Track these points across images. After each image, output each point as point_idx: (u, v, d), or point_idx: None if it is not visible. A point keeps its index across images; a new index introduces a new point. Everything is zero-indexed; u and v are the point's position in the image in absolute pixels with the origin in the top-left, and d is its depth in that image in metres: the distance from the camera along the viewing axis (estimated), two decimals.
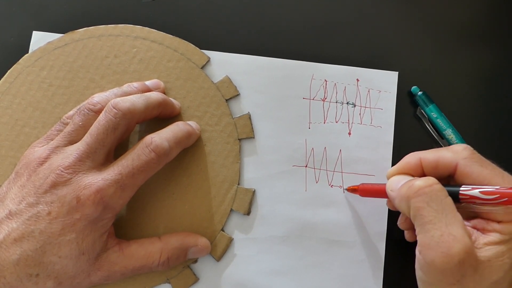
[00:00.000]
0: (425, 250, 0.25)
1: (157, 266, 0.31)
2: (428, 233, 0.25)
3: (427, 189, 0.26)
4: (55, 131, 0.31)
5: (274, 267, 0.34)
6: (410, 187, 0.27)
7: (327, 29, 0.38)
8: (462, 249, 0.24)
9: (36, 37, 0.36)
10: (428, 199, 0.26)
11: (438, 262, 0.25)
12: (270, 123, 0.36)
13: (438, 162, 0.29)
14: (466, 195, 0.27)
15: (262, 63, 0.37)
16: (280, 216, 0.35)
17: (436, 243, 0.25)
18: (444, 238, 0.25)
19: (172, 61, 0.36)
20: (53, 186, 0.28)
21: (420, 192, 0.26)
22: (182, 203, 0.34)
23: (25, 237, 0.27)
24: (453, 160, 0.28)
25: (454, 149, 0.29)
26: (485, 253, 0.26)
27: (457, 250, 0.24)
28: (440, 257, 0.25)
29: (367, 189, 0.33)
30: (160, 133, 0.30)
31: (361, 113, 0.37)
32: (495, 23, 0.39)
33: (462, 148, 0.29)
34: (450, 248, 0.24)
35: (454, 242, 0.24)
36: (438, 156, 0.29)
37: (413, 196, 0.26)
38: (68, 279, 0.28)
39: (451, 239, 0.25)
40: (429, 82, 0.37)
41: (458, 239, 0.25)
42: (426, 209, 0.26)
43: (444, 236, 0.25)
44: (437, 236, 0.25)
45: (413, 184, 0.27)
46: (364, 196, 0.34)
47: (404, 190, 0.27)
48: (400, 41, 0.38)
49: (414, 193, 0.26)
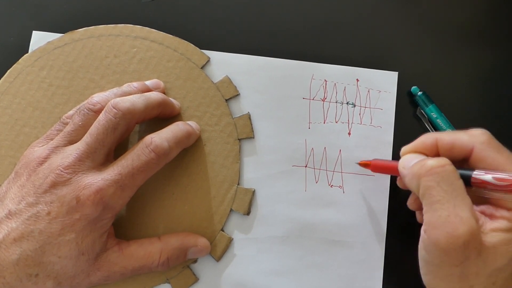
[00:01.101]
0: (430, 229, 0.25)
1: (157, 266, 0.31)
2: (435, 213, 0.25)
3: (439, 169, 0.26)
4: (54, 131, 0.31)
5: (274, 267, 0.34)
6: (422, 166, 0.27)
7: (327, 29, 0.38)
8: (467, 231, 0.24)
9: (36, 37, 0.36)
10: (439, 179, 0.26)
11: (443, 242, 0.25)
12: (270, 123, 0.36)
13: (454, 144, 0.29)
14: (478, 180, 0.26)
15: (262, 63, 0.37)
16: (280, 216, 0.35)
17: (442, 223, 0.25)
18: (450, 219, 0.25)
19: (172, 61, 0.36)
20: (52, 186, 0.28)
21: (432, 172, 0.26)
22: (182, 203, 0.34)
23: (25, 237, 0.27)
24: (470, 143, 0.28)
25: (471, 133, 0.29)
26: (490, 239, 0.25)
27: (463, 232, 0.24)
28: (445, 237, 0.25)
29: (380, 165, 0.33)
30: (160, 133, 0.30)
31: (361, 113, 0.37)
32: (495, 23, 0.39)
33: (480, 133, 0.28)
34: (455, 229, 0.24)
35: (460, 224, 0.24)
36: (455, 138, 0.29)
37: (424, 174, 0.26)
38: (68, 279, 0.28)
39: (457, 220, 0.24)
40: (429, 82, 0.37)
41: (465, 221, 0.24)
42: (436, 188, 0.26)
43: (451, 217, 0.25)
44: (444, 216, 0.25)
45: (425, 163, 0.27)
46: (375, 171, 0.33)
47: (416, 168, 0.27)
48: (400, 41, 0.38)
49: (425, 171, 0.26)
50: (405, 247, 0.34)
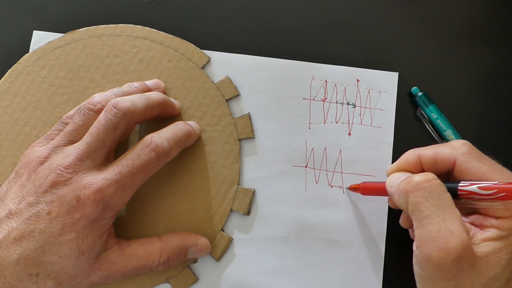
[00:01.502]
0: (422, 245, 0.25)
1: (157, 266, 0.31)
2: (426, 228, 0.25)
3: (425, 184, 0.26)
4: (55, 130, 0.31)
5: (274, 267, 0.34)
6: (408, 182, 0.27)
7: (327, 29, 0.38)
8: (459, 245, 0.24)
9: (36, 36, 0.36)
10: (426, 194, 0.26)
11: (435, 257, 0.25)
12: (270, 123, 0.36)
13: (436, 158, 0.29)
14: (464, 191, 0.27)
15: (262, 63, 0.37)
16: (280, 216, 0.35)
17: (433, 238, 0.25)
18: (441, 233, 0.25)
19: (172, 61, 0.36)
20: (53, 186, 0.28)
21: (419, 187, 0.26)
22: (182, 203, 0.34)
23: (25, 237, 0.27)
24: (452, 155, 0.28)
25: (452, 145, 0.29)
26: (482, 249, 0.26)
27: (454, 246, 0.24)
28: (437, 252, 0.25)
29: (368, 187, 0.33)
30: (160, 132, 0.30)
31: (361, 114, 0.37)
32: (495, 23, 0.39)
33: (461, 144, 0.29)
34: (447, 243, 0.24)
35: (451, 237, 0.24)
36: (437, 152, 0.29)
37: (411, 191, 0.26)
38: (68, 279, 0.28)
39: (448, 234, 0.25)
40: (429, 82, 0.37)
41: (455, 235, 0.24)
42: (424, 203, 0.26)
43: (441, 231, 0.25)
44: (434, 231, 0.25)
45: (411, 179, 0.27)
46: (365, 194, 0.34)
47: (402, 185, 0.27)
48: (400, 42, 0.38)
49: (412, 187, 0.26)
50: (405, 247, 0.34)
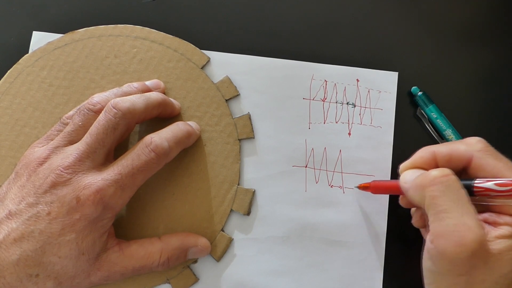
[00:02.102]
0: (437, 239, 0.25)
1: (157, 267, 0.31)
2: (442, 222, 0.25)
3: (443, 178, 0.26)
4: (55, 131, 0.31)
5: (274, 267, 0.34)
6: (425, 177, 0.27)
7: (327, 29, 0.38)
8: (475, 239, 0.24)
9: (36, 37, 0.36)
10: (443, 188, 0.26)
11: (451, 251, 0.24)
12: (270, 123, 0.36)
13: (452, 155, 0.29)
14: (480, 188, 0.26)
15: (262, 63, 0.37)
16: (280, 217, 0.35)
17: (450, 232, 0.25)
18: (458, 228, 0.25)
19: (172, 61, 0.36)
20: (52, 186, 0.28)
21: (436, 181, 0.26)
22: (182, 203, 0.34)
23: (25, 237, 0.27)
24: (467, 152, 0.28)
25: (468, 142, 0.29)
26: (496, 246, 0.25)
27: (471, 240, 0.24)
28: (453, 246, 0.24)
29: (379, 186, 0.33)
30: (160, 133, 0.30)
31: (361, 114, 0.37)
32: (495, 23, 0.39)
33: (476, 141, 0.29)
34: (463, 238, 0.24)
35: (468, 232, 0.24)
36: (452, 149, 0.29)
37: (428, 184, 0.26)
38: (68, 279, 0.28)
39: (465, 229, 0.24)
40: (429, 82, 0.37)
41: (472, 229, 0.24)
42: (441, 198, 0.25)
43: (458, 226, 0.25)
44: (451, 225, 0.25)
45: (429, 174, 0.27)
46: (376, 193, 0.33)
47: (419, 180, 0.27)
48: (400, 41, 0.38)
49: (429, 182, 0.26)
50: (405, 247, 0.34)
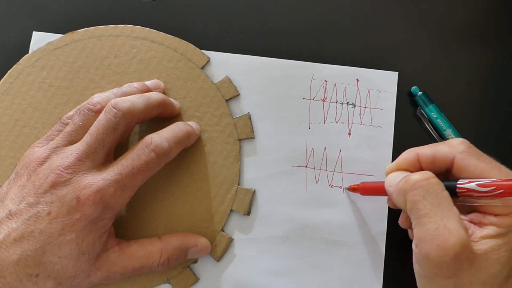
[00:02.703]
0: (420, 243, 0.25)
1: (157, 267, 0.31)
2: (424, 226, 0.25)
3: (423, 182, 0.26)
4: (55, 131, 0.31)
5: (274, 267, 0.34)
6: (406, 181, 0.27)
7: (327, 29, 0.38)
8: (457, 243, 0.24)
9: (36, 37, 0.36)
10: (424, 193, 0.26)
11: (434, 255, 0.25)
12: (270, 123, 0.36)
13: (435, 156, 0.29)
14: (463, 189, 0.27)
15: (262, 63, 0.37)
16: (280, 217, 0.35)
17: (432, 236, 0.25)
18: (439, 231, 0.25)
19: (172, 62, 0.36)
20: (53, 186, 0.28)
21: (417, 186, 0.26)
22: (182, 203, 0.34)
23: (25, 237, 0.27)
24: (450, 154, 0.28)
25: (450, 143, 0.29)
26: (481, 247, 0.26)
27: (452, 244, 0.24)
28: (436, 250, 0.25)
29: (367, 187, 0.33)
30: (160, 133, 0.30)
31: (361, 113, 0.37)
32: (495, 23, 0.39)
33: (459, 142, 0.29)
34: (445, 241, 0.24)
35: (450, 236, 0.24)
36: (435, 150, 0.29)
37: (409, 189, 0.26)
38: (68, 279, 0.28)
39: (446, 232, 0.25)
40: (429, 82, 0.37)
41: (454, 233, 0.25)
42: (422, 202, 0.26)
43: (440, 229, 0.25)
44: (432, 229, 0.25)
45: (409, 178, 0.27)
46: (364, 194, 0.34)
47: (400, 184, 0.27)
48: (400, 41, 0.38)
49: (410, 186, 0.26)
50: (405, 247, 0.34)
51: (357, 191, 0.34)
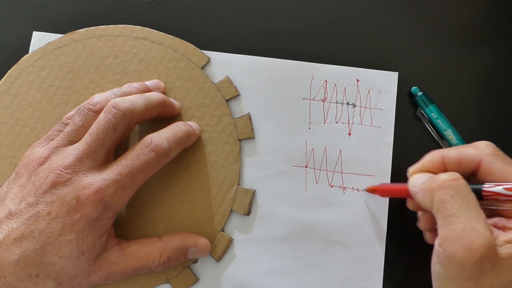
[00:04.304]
0: (446, 243, 0.25)
1: (157, 267, 0.31)
2: (451, 226, 0.25)
3: (452, 182, 0.26)
4: (55, 131, 0.31)
5: (274, 268, 0.34)
6: (434, 180, 0.27)
7: (327, 29, 0.38)
8: (484, 244, 0.24)
9: (36, 37, 0.36)
10: (452, 192, 0.26)
11: (459, 256, 0.24)
12: (270, 123, 0.36)
13: (461, 159, 0.29)
14: (489, 192, 0.26)
15: (262, 63, 0.37)
16: (280, 217, 0.35)
17: (459, 236, 0.25)
18: (467, 232, 0.24)
19: (172, 62, 0.36)
20: (52, 186, 0.28)
21: (445, 185, 0.26)
22: (182, 203, 0.34)
23: (25, 237, 0.27)
24: (477, 156, 0.28)
25: (477, 146, 0.29)
26: (505, 251, 0.25)
27: (480, 245, 0.24)
28: (462, 250, 0.24)
29: (388, 189, 0.33)
30: (160, 133, 0.30)
31: (361, 114, 0.37)
32: (495, 23, 0.39)
33: (486, 145, 0.29)
34: (472, 242, 0.24)
35: (477, 237, 0.24)
36: (461, 152, 0.29)
37: (437, 188, 0.26)
38: (68, 279, 0.28)
39: (474, 233, 0.24)
40: (429, 82, 0.37)
41: (481, 234, 0.24)
42: (450, 201, 0.25)
43: (467, 230, 0.24)
44: (460, 229, 0.25)
45: (438, 177, 0.27)
46: (384, 196, 0.33)
47: (428, 184, 0.27)
48: (400, 41, 0.38)
49: (438, 185, 0.26)
50: (405, 247, 0.34)
51: (376, 192, 0.33)
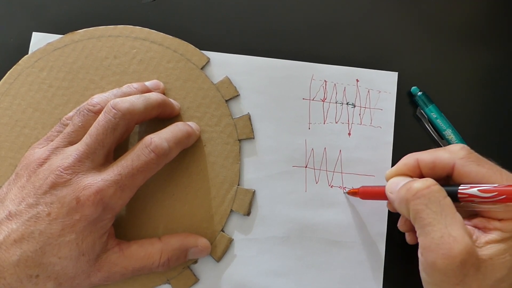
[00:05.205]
0: (426, 252, 0.25)
1: (157, 267, 0.31)
2: (428, 235, 0.25)
3: (425, 191, 0.26)
4: (55, 132, 0.31)
5: (274, 268, 0.34)
6: (408, 190, 0.27)
7: (327, 29, 0.38)
8: (463, 250, 0.24)
9: (36, 38, 0.36)
10: (426, 201, 0.26)
11: (440, 264, 0.25)
12: (270, 123, 0.36)
13: (435, 163, 0.29)
14: (465, 194, 0.27)
15: (262, 63, 0.37)
16: (280, 217, 0.35)
17: (437, 245, 0.25)
18: (444, 240, 0.25)
19: (171, 62, 0.36)
20: (52, 187, 0.28)
21: (419, 195, 0.26)
22: (182, 204, 0.34)
23: (25, 238, 0.27)
24: (450, 160, 0.28)
25: (451, 149, 0.29)
26: (487, 252, 0.26)
27: (458, 251, 0.24)
28: (441, 258, 0.25)
29: (367, 191, 0.33)
30: (160, 133, 0.30)
31: (361, 114, 0.37)
32: (495, 23, 0.39)
33: (459, 148, 0.29)
34: (450, 249, 0.24)
35: (455, 243, 0.24)
36: (435, 156, 0.29)
37: (411, 198, 0.26)
38: (68, 280, 0.28)
39: (451, 240, 0.25)
40: (429, 82, 0.37)
41: (458, 240, 0.24)
42: (425, 211, 0.26)
43: (444, 238, 0.25)
44: (437, 237, 0.25)
45: (411, 187, 0.27)
46: (364, 198, 0.34)
47: (402, 193, 0.27)
48: (400, 41, 0.38)
49: (412, 195, 0.26)
50: (405, 247, 0.34)
51: (356, 195, 0.34)
